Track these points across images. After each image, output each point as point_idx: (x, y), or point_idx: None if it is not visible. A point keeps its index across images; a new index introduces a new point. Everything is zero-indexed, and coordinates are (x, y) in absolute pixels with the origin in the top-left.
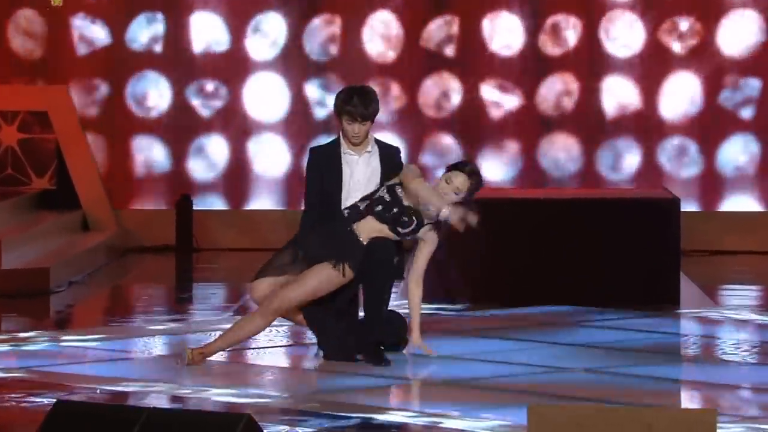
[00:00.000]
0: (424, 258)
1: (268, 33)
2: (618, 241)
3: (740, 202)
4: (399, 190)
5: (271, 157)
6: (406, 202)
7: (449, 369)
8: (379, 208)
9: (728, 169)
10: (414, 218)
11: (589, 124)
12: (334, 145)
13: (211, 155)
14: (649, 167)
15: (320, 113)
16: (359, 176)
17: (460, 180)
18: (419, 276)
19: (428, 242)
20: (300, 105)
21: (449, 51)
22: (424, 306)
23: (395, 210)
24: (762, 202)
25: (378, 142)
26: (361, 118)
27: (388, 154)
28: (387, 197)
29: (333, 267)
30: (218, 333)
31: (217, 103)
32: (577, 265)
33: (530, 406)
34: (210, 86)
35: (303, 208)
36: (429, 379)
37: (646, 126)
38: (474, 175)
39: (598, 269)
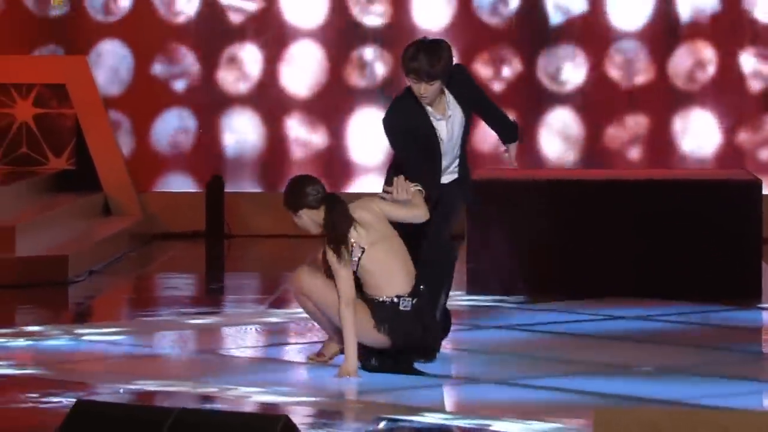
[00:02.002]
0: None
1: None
2: (693, 227)
3: None
4: None
5: (309, 135)
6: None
7: (501, 367)
8: None
9: None
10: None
11: (662, 96)
12: (418, 106)
13: (244, 132)
14: (729, 147)
15: (358, 84)
16: (446, 147)
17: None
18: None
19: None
20: (335, 78)
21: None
22: (477, 298)
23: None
24: None
25: (447, 83)
26: (428, 77)
27: (460, 94)
28: None
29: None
30: (251, 327)
31: (252, 76)
32: (646, 253)
33: (596, 410)
34: (243, 54)
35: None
36: (477, 377)
37: (725, 101)
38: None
39: (670, 258)
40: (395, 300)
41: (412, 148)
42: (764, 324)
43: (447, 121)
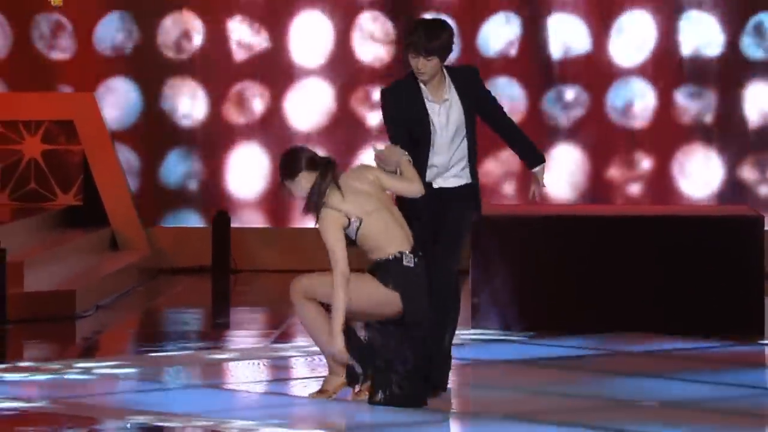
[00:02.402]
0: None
1: (313, 35)
2: (696, 262)
3: None
4: None
5: None
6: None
7: (506, 402)
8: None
9: None
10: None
11: (665, 135)
12: (416, 85)
13: (249, 168)
14: (732, 183)
15: (369, 120)
16: (441, 136)
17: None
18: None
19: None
20: (344, 113)
21: None
22: (481, 332)
23: None
24: None
25: (451, 72)
26: (425, 52)
27: (465, 87)
28: None
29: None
30: (257, 361)
31: (257, 111)
32: (649, 288)
33: None
34: (251, 92)
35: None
36: (483, 412)
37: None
38: None
39: (673, 293)
40: (398, 255)
41: (400, 126)
42: (766, 359)
43: (442, 105)
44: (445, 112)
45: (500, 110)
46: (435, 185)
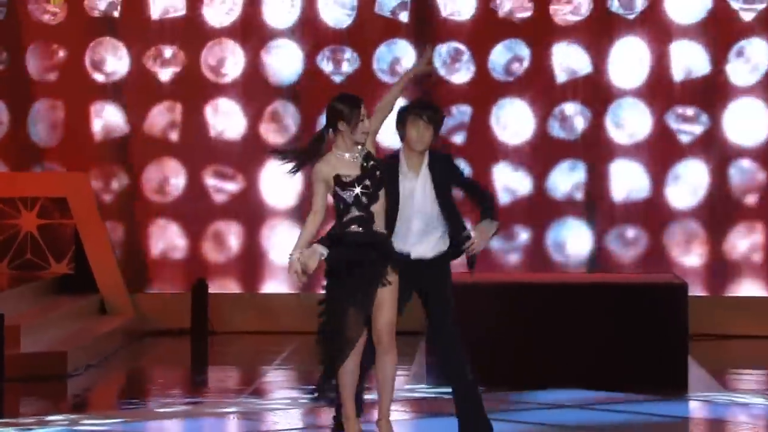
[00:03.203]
0: None
1: (284, 122)
2: (627, 325)
3: (748, 288)
4: None
5: (285, 242)
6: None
7: None
8: None
9: (735, 254)
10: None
11: (598, 210)
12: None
13: (226, 240)
14: (657, 252)
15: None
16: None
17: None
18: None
19: None
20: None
21: None
22: (423, 388)
23: None
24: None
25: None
26: (432, 121)
27: (440, 168)
28: None
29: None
30: (232, 415)
31: (233, 189)
32: (586, 348)
33: None
34: (227, 170)
35: None
36: None
37: (653, 212)
38: None
39: (606, 353)
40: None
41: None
42: (689, 414)
43: (416, 180)
44: (416, 186)
45: (469, 181)
46: (413, 255)
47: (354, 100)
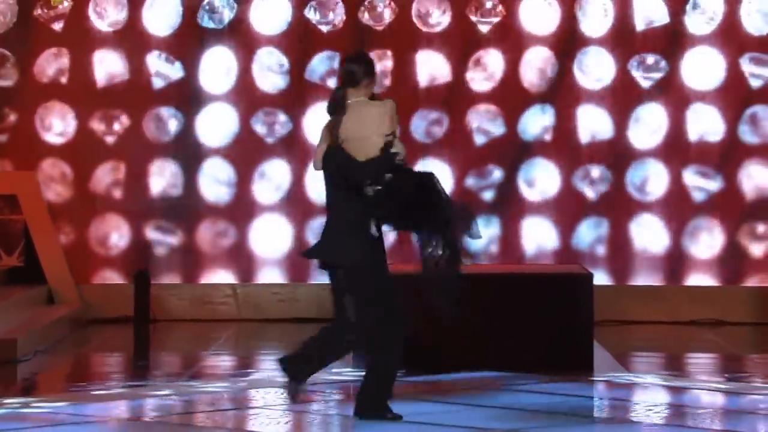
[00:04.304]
0: None
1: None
2: (538, 312)
3: (647, 277)
4: None
5: (222, 235)
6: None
7: None
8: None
9: (637, 246)
10: None
11: (511, 206)
12: None
13: (167, 233)
14: (567, 245)
15: (263, 196)
16: None
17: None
18: None
19: None
20: (242, 190)
21: None
22: (348, 371)
23: None
24: (667, 277)
25: None
26: None
27: None
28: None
29: None
30: (174, 399)
31: (175, 192)
32: (502, 334)
33: None
34: (164, 169)
35: None
36: None
37: (565, 206)
38: None
39: (521, 338)
40: None
41: None
42: (594, 393)
43: None
44: None
45: None
46: None
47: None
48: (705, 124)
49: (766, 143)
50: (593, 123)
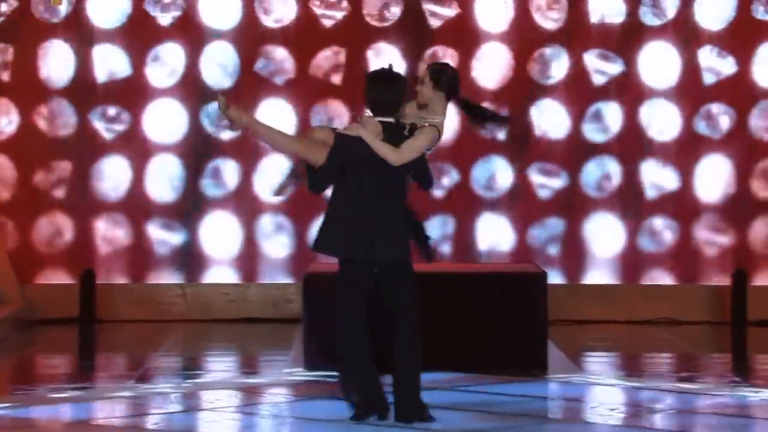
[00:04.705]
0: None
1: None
2: (492, 311)
3: (602, 276)
4: None
5: (168, 234)
6: None
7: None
8: None
9: (592, 245)
10: None
11: (467, 203)
12: None
13: (113, 232)
14: (522, 244)
15: (211, 192)
16: None
17: None
18: None
19: None
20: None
21: None
22: (300, 372)
23: None
24: (622, 276)
25: None
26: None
27: None
28: None
29: None
30: (120, 399)
31: (122, 186)
32: (455, 333)
33: None
34: (112, 166)
35: None
36: None
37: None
38: None
39: (474, 337)
40: None
41: None
42: (548, 393)
43: None
44: None
45: None
46: None
47: None
48: (661, 120)
49: (724, 140)
50: (549, 120)
